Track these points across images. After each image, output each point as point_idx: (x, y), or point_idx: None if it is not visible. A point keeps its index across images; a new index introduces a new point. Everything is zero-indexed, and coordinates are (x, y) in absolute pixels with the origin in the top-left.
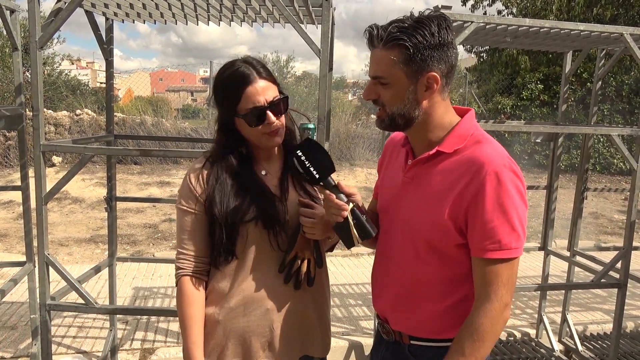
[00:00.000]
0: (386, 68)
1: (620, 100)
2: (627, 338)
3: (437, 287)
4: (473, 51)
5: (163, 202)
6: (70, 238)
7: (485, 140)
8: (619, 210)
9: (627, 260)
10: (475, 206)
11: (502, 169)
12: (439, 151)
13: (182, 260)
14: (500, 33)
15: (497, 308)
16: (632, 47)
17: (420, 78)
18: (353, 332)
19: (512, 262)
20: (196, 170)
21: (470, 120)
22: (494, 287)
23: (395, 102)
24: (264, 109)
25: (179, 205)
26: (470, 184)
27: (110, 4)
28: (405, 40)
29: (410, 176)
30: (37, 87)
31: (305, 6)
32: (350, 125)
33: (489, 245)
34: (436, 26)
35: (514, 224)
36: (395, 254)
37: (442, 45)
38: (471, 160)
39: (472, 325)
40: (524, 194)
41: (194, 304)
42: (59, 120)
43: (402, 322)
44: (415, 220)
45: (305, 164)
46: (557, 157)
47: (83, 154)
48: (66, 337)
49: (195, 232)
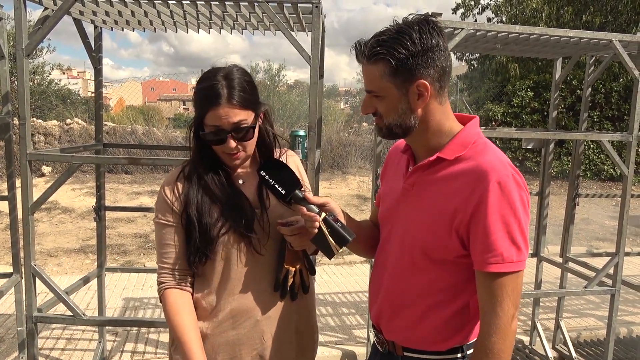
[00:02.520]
0: (375, 82)
1: (610, 107)
2: (621, 344)
3: (431, 297)
4: (464, 59)
5: (152, 211)
6: (59, 248)
7: (489, 148)
8: (610, 216)
9: (619, 266)
10: (477, 217)
11: (505, 178)
12: (439, 157)
13: (163, 275)
14: (491, 40)
15: (505, 322)
16: (621, 53)
17: (410, 87)
18: (346, 341)
19: (516, 274)
20: (171, 183)
21: (474, 128)
22: (499, 300)
23: (390, 113)
24: (224, 132)
25: (156, 219)
26: (472, 194)
27: (98, 12)
28: (385, 54)
29: (410, 183)
30: (23, 96)
31: (296, 13)
32: (343, 133)
33: (491, 259)
34: (417, 32)
35: (516, 238)
36: (392, 263)
37: (426, 51)
38: (474, 169)
39: (485, 345)
40: (527, 205)
41: (181, 312)
42: (48, 130)
43: (395, 331)
44: (414, 228)
45: (270, 182)
46: (548, 163)
47: (70, 162)
48: (54, 350)
49: (174, 244)
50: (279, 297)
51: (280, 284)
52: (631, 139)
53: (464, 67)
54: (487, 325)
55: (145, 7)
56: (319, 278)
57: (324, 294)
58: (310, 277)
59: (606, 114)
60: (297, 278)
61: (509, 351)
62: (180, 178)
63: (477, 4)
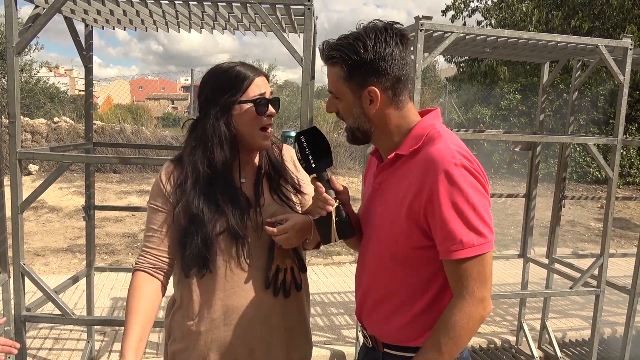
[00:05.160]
0: (334, 84)
1: (596, 111)
2: (605, 344)
3: (401, 293)
4: (453, 61)
5: (142, 211)
6: (46, 248)
7: (439, 137)
8: (595, 218)
9: (603, 268)
10: (432, 208)
11: (452, 167)
12: (397, 154)
13: (141, 256)
14: (480, 44)
15: (470, 304)
16: (607, 58)
17: (362, 92)
18: (335, 341)
19: (480, 257)
20: (169, 171)
21: (429, 120)
22: (465, 284)
23: (348, 115)
24: (267, 100)
25: (149, 203)
26: (424, 185)
27: (90, 11)
28: (339, 59)
29: (378, 182)
30: (13, 94)
31: (288, 15)
32: (332, 134)
33: (451, 247)
34: (372, 40)
35: (473, 222)
36: (369, 260)
37: (379, 59)
38: (423, 160)
39: (447, 321)
40: (481, 187)
41: (136, 297)
42: (35, 128)
43: (374, 327)
44: (382, 226)
45: (306, 150)
46: (535, 166)
47: (61, 161)
48: (42, 350)
49: (161, 230)
50: (272, 294)
51: (271, 281)
52: (616, 142)
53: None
54: (453, 306)
55: (138, 6)
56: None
57: (312, 294)
58: (303, 274)
59: (592, 118)
60: (288, 276)
61: (470, 334)
62: (178, 167)
63: (467, 7)
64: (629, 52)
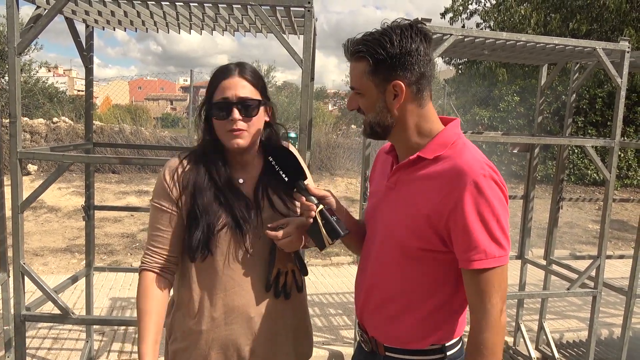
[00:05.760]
0: (357, 79)
1: (594, 113)
2: (602, 345)
3: (408, 294)
4: (452, 63)
5: (141, 211)
6: (45, 248)
7: (467, 148)
8: (592, 219)
9: (600, 269)
10: (455, 216)
11: (481, 178)
12: (419, 157)
13: (148, 255)
14: (479, 46)
15: (495, 316)
16: (604, 61)
17: (387, 87)
18: (333, 341)
19: (500, 269)
20: (172, 169)
21: (454, 128)
22: (487, 296)
23: (369, 110)
24: (231, 103)
25: (153, 202)
26: (450, 193)
27: (91, 11)
28: (365, 53)
29: (393, 182)
30: (14, 94)
31: (288, 17)
32: (331, 135)
33: (474, 256)
34: (398, 35)
35: (496, 234)
36: (373, 260)
37: (404, 54)
38: (451, 169)
39: (478, 341)
40: (505, 202)
41: (148, 298)
42: (35, 128)
43: (377, 328)
44: (393, 225)
45: (276, 168)
46: (533, 167)
47: (61, 161)
48: (40, 349)
49: (165, 230)
50: (273, 295)
51: (271, 284)
52: (614, 144)
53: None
54: (478, 322)
55: (139, 7)
56: (306, 279)
57: (311, 295)
58: (303, 276)
59: (590, 120)
60: (289, 278)
61: (501, 345)
62: (182, 165)
63: (466, 9)
64: (626, 54)
